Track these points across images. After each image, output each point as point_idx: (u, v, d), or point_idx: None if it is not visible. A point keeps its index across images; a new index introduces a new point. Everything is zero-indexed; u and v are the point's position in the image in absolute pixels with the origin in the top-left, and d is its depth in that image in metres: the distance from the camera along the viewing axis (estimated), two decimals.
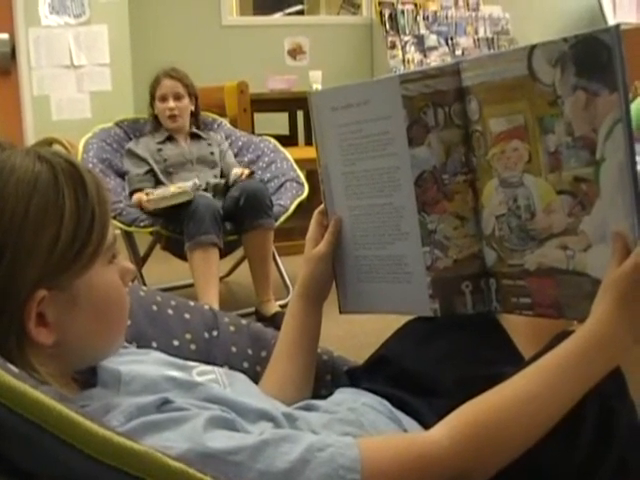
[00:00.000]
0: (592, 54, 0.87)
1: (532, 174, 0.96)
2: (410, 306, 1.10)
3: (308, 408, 0.99)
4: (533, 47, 0.92)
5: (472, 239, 1.04)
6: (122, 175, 3.14)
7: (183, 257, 2.82)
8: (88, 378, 0.82)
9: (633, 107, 2.93)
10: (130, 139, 3.29)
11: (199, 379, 0.90)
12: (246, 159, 3.38)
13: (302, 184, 3.17)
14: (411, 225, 1.05)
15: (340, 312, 1.19)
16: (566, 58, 0.89)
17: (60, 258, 0.74)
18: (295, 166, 3.28)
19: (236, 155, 3.38)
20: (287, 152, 3.37)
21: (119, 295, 0.83)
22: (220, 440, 0.72)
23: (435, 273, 1.05)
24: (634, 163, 0.86)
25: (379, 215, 1.10)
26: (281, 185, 3.18)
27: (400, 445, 0.80)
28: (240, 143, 3.46)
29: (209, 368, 0.96)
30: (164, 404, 0.75)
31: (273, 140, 3.46)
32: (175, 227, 2.84)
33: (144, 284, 2.89)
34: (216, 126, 3.50)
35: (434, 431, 0.80)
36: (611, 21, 6.33)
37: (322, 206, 1.17)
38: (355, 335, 2.52)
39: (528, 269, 1.00)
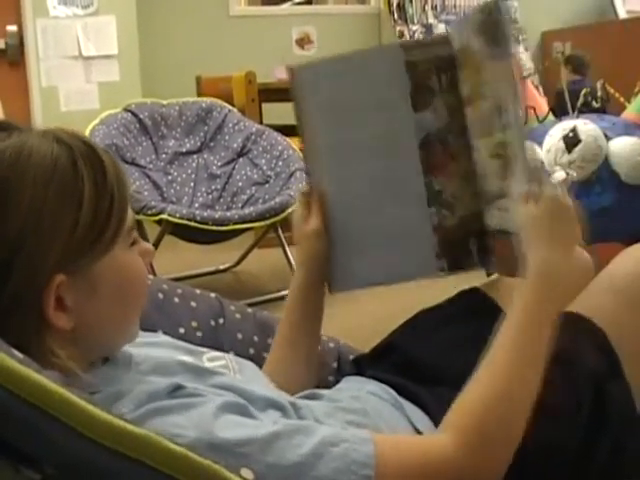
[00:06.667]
0: (493, 22, 0.92)
1: (477, 138, 1.02)
2: (412, 270, 1.09)
3: (312, 397, 0.98)
4: (467, 17, 1.00)
5: (476, 198, 1.06)
6: (129, 161, 3.12)
7: (191, 241, 2.80)
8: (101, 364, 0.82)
9: None
10: (139, 120, 3.27)
11: (209, 365, 0.90)
12: (260, 148, 3.37)
13: None
14: (416, 187, 1.06)
15: (330, 292, 1.13)
16: (481, 26, 0.95)
17: (79, 243, 0.73)
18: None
19: (246, 143, 3.37)
20: (294, 143, 3.37)
21: (140, 277, 0.82)
22: (230, 430, 0.71)
23: (442, 233, 1.06)
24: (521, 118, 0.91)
25: (376, 181, 1.08)
26: (291, 174, 3.18)
27: (413, 446, 0.80)
28: (254, 129, 3.43)
29: (219, 354, 0.96)
30: (175, 390, 0.75)
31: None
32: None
33: (154, 274, 2.89)
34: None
35: (443, 436, 0.80)
36: (620, 9, 6.29)
37: (306, 187, 1.16)
38: (364, 326, 2.52)
39: (493, 229, 1.05)
